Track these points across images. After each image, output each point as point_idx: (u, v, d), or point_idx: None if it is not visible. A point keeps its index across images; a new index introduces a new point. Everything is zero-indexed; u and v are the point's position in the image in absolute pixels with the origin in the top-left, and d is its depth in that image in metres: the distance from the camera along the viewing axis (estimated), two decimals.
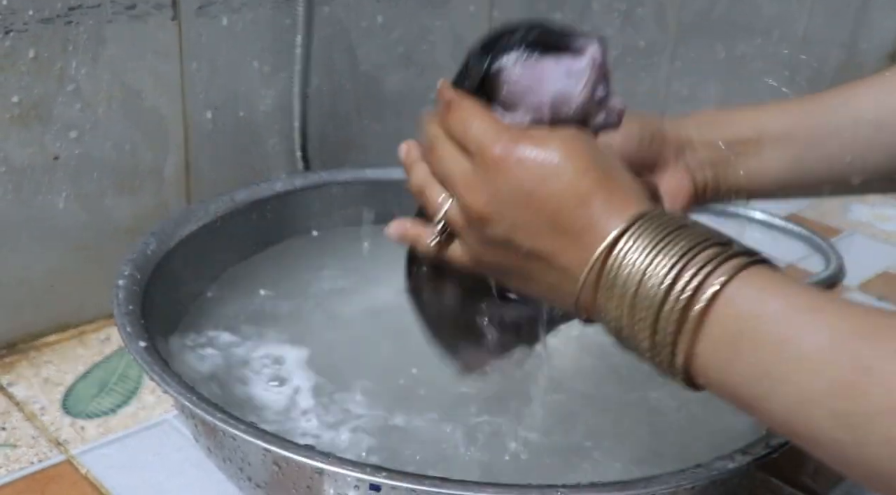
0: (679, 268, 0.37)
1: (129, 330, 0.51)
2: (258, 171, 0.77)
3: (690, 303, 0.37)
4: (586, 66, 0.44)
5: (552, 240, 0.41)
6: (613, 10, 1.00)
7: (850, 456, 0.33)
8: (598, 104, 0.45)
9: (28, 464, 0.56)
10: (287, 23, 0.73)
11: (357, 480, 0.41)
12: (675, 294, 0.37)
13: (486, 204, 0.42)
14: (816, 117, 0.57)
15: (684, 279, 0.37)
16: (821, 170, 0.57)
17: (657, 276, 0.37)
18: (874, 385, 0.32)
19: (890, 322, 0.33)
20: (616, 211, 0.40)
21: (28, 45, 0.61)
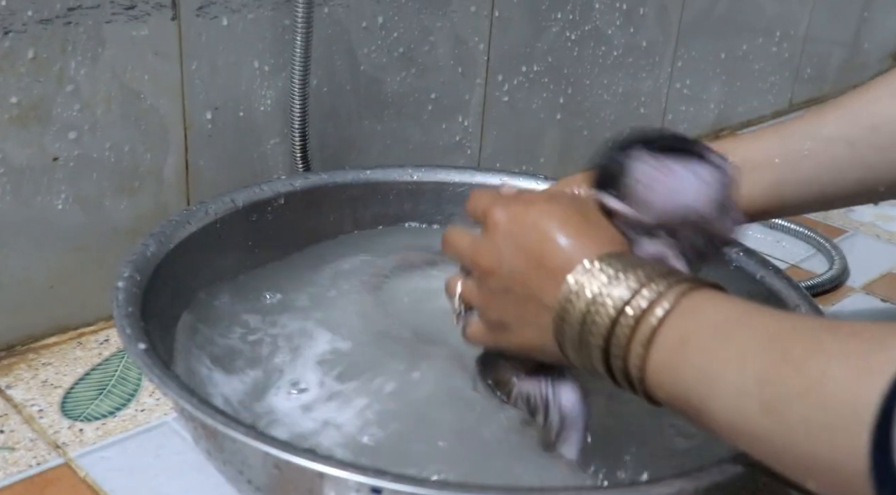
0: (633, 292, 0.42)
1: (129, 332, 0.50)
2: (258, 172, 0.76)
3: (641, 320, 0.42)
4: (719, 176, 0.48)
5: (538, 279, 0.46)
6: (615, 10, 1.00)
7: (777, 444, 0.36)
8: (721, 213, 0.49)
9: (26, 467, 0.56)
10: (287, 23, 0.73)
11: (358, 484, 0.41)
12: (629, 314, 0.42)
13: (490, 259, 0.49)
14: (789, 143, 0.60)
15: (638, 301, 0.42)
16: (800, 191, 0.60)
17: (613, 299, 0.43)
18: (793, 372, 0.35)
19: (810, 323, 0.38)
20: (587, 249, 0.46)
21: (27, 45, 0.61)
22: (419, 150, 0.88)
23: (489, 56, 0.90)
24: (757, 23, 1.20)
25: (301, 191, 0.71)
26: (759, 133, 0.61)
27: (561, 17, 0.94)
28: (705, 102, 1.19)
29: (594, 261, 0.45)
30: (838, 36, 1.36)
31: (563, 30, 0.95)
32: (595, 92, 1.02)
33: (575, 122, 1.02)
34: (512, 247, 0.48)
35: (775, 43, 1.25)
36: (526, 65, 0.94)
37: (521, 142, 0.97)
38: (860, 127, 0.58)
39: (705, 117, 1.20)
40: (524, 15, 0.91)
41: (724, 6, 1.14)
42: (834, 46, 1.36)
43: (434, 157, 0.89)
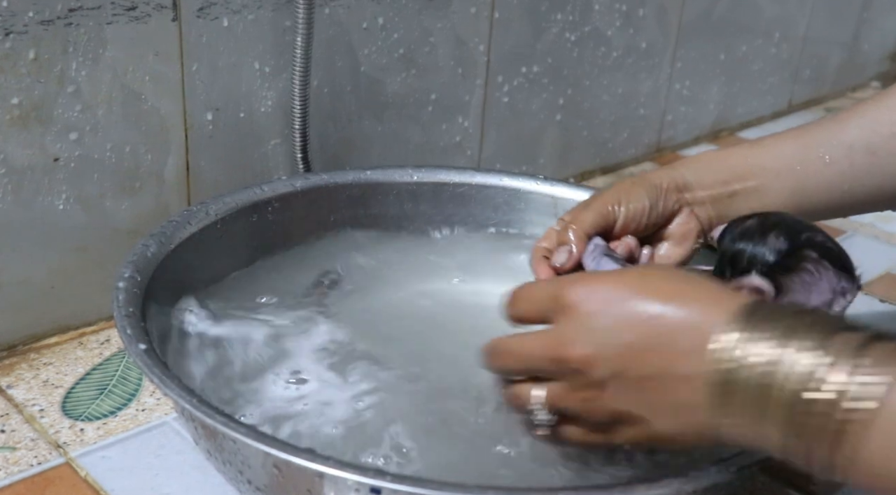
0: (820, 359, 0.35)
1: (130, 332, 0.51)
2: (258, 173, 0.77)
3: (851, 403, 0.35)
4: (853, 291, 0.48)
5: (659, 354, 0.40)
6: (615, 11, 1.00)
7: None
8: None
9: (27, 467, 0.56)
10: (287, 24, 0.73)
11: (357, 483, 0.41)
12: (829, 392, 0.35)
13: (583, 346, 0.41)
14: (811, 150, 0.60)
15: (836, 376, 0.35)
16: (820, 198, 0.60)
17: (795, 369, 0.36)
18: None
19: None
20: (714, 306, 0.39)
21: (28, 46, 0.61)
22: (419, 151, 0.88)
23: (489, 57, 0.90)
24: (756, 24, 1.21)
25: (301, 191, 0.71)
26: (779, 138, 0.60)
27: (561, 18, 0.95)
28: (705, 103, 1.19)
29: (738, 317, 0.38)
30: (837, 37, 1.36)
31: (563, 31, 0.96)
32: (595, 93, 1.02)
33: (574, 123, 1.02)
34: (609, 322, 0.41)
35: (774, 44, 1.25)
36: (526, 66, 0.94)
37: (520, 142, 0.98)
38: (880, 134, 0.58)
39: (705, 118, 1.20)
40: (524, 16, 0.91)
41: (724, 7, 1.14)
42: (833, 47, 1.37)
43: (434, 158, 0.89)
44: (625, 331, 0.40)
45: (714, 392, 0.38)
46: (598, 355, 0.41)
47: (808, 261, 0.48)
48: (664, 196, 0.59)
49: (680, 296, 0.40)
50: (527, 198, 0.75)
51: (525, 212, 0.76)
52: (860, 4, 1.38)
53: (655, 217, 0.59)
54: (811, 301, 0.47)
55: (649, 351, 0.40)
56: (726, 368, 0.38)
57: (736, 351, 0.38)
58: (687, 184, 0.60)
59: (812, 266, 0.47)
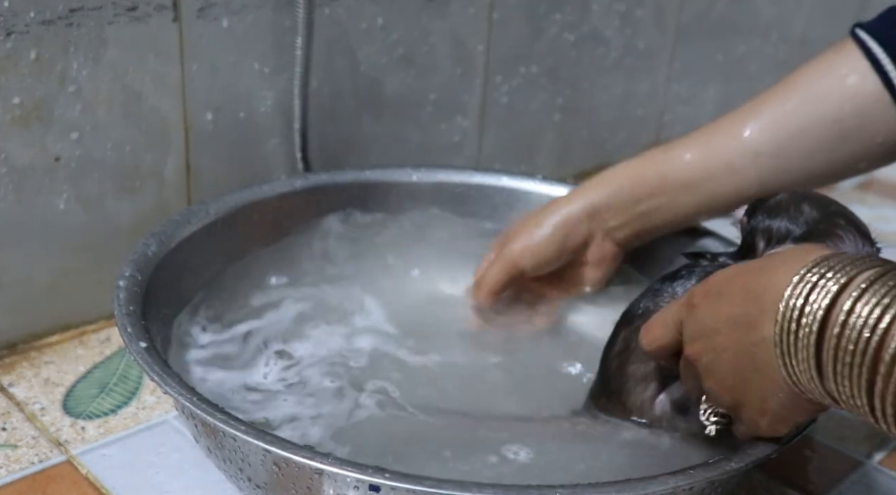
0: (890, 314, 0.35)
1: (130, 330, 0.51)
2: (258, 173, 0.77)
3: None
4: (877, 251, 0.52)
5: (743, 305, 0.42)
6: (613, 12, 1.00)
7: None
8: None
9: (28, 465, 0.57)
10: (287, 24, 0.73)
11: (357, 481, 0.42)
12: (892, 347, 0.34)
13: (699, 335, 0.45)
14: (717, 158, 0.61)
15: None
16: (730, 204, 0.62)
17: (861, 318, 0.35)
18: None
19: None
20: (791, 262, 0.40)
21: (29, 46, 0.62)
22: (418, 151, 0.88)
23: (488, 57, 0.90)
24: (753, 25, 1.21)
25: (301, 191, 0.71)
26: (687, 146, 0.62)
27: (559, 18, 0.95)
28: (702, 104, 1.19)
29: (810, 268, 0.38)
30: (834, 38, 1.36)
31: (562, 31, 0.96)
32: (593, 93, 1.03)
33: (573, 123, 1.02)
34: (712, 307, 0.44)
35: (772, 45, 1.25)
36: (524, 66, 0.94)
37: (519, 142, 0.98)
38: (783, 136, 0.59)
39: (702, 119, 1.20)
40: (523, 16, 0.92)
41: (721, 8, 1.14)
42: None
43: (433, 158, 0.89)
44: (723, 311, 0.43)
45: (784, 351, 0.39)
46: (708, 338, 0.44)
47: (838, 228, 0.50)
48: (573, 233, 0.62)
49: (762, 263, 0.42)
50: (525, 197, 0.76)
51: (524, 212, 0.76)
52: (857, 6, 1.38)
53: (566, 257, 0.64)
54: None
55: (735, 304, 0.42)
56: (792, 324, 0.38)
57: (799, 299, 0.38)
58: (597, 210, 0.62)
59: (842, 232, 0.50)
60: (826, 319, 0.37)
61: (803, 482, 0.60)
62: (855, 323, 0.36)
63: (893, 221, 1.01)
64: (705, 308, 0.45)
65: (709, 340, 0.44)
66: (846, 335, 0.36)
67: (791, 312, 0.38)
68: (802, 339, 0.38)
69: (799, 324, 0.38)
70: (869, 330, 0.35)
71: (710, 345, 0.44)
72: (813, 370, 0.38)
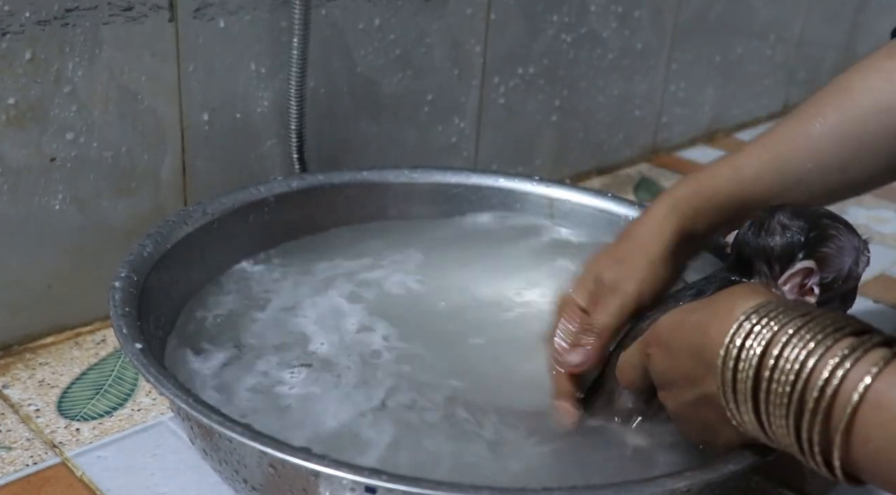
0: (814, 358, 0.37)
1: (126, 332, 0.51)
2: (255, 173, 0.77)
3: (834, 401, 0.37)
4: (866, 247, 0.53)
5: (689, 361, 0.44)
6: (610, 13, 1.00)
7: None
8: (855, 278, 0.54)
9: (23, 467, 0.56)
10: (283, 25, 0.73)
11: (353, 482, 0.41)
12: (815, 388, 0.37)
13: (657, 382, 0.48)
14: (788, 176, 0.61)
15: (822, 373, 0.37)
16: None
17: (785, 368, 0.38)
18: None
19: None
20: (723, 315, 0.42)
21: (25, 46, 0.61)
22: (415, 152, 0.88)
23: (485, 58, 0.90)
24: (751, 26, 1.21)
25: (297, 191, 0.71)
26: (760, 169, 0.59)
27: (556, 19, 0.95)
28: (700, 105, 1.19)
29: (748, 317, 0.40)
30: (832, 39, 1.37)
31: (559, 32, 0.96)
32: (590, 94, 1.03)
33: (570, 124, 1.02)
34: (665, 361, 0.46)
35: (769, 46, 1.26)
36: (522, 67, 0.94)
37: (516, 143, 0.98)
38: (849, 149, 0.58)
39: (700, 120, 1.20)
40: (520, 17, 0.92)
41: (719, 9, 1.14)
42: (827, 49, 1.37)
43: (430, 159, 0.89)
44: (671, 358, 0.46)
45: (724, 383, 0.41)
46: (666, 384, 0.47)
47: (830, 228, 0.52)
48: (678, 263, 0.59)
49: (697, 314, 0.44)
50: (523, 199, 0.75)
51: (521, 213, 0.76)
52: (854, 7, 1.38)
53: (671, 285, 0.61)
54: (845, 263, 0.51)
55: (681, 362, 0.45)
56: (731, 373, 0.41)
57: (730, 362, 0.40)
58: (692, 236, 0.59)
59: (834, 231, 0.51)
60: (759, 369, 0.39)
61: (800, 484, 0.59)
62: (783, 367, 0.38)
63: (890, 222, 1.01)
64: (659, 359, 0.47)
65: (669, 391, 0.47)
66: (776, 379, 0.39)
67: (728, 372, 0.40)
68: (741, 393, 0.40)
69: (735, 379, 0.40)
70: (794, 374, 0.38)
71: (671, 394, 0.47)
72: (752, 415, 0.40)
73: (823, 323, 0.39)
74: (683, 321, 0.45)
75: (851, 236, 0.52)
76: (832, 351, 0.37)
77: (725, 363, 0.40)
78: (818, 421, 0.37)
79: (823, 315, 0.40)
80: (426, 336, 0.64)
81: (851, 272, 0.52)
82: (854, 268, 0.52)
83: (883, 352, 0.37)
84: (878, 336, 0.38)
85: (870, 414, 0.36)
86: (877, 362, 0.37)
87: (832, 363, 0.37)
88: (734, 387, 0.41)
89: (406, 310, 0.66)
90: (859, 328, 0.39)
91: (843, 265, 0.51)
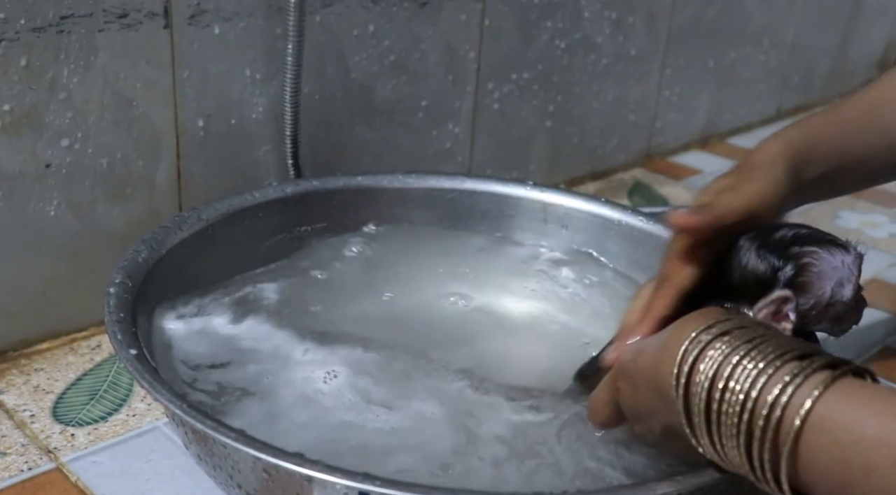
0: (759, 383, 0.38)
1: (120, 337, 0.51)
2: (250, 179, 0.77)
3: (780, 426, 0.37)
4: (854, 257, 0.51)
5: (650, 396, 0.44)
6: (604, 19, 1.00)
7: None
8: (856, 298, 0.52)
9: (18, 472, 0.56)
10: (278, 31, 0.74)
11: (346, 487, 0.42)
12: (761, 415, 0.38)
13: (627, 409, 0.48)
14: (885, 134, 0.59)
15: (767, 399, 0.38)
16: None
17: (733, 394, 0.39)
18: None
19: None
20: (672, 347, 0.42)
21: (20, 53, 0.62)
22: (410, 157, 0.88)
23: (479, 64, 0.91)
24: (745, 31, 1.21)
25: (293, 197, 0.72)
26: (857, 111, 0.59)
27: (550, 25, 0.95)
28: (694, 110, 1.20)
29: (695, 338, 0.41)
30: (825, 44, 1.37)
31: (553, 38, 0.96)
32: (585, 99, 1.03)
33: (565, 130, 1.03)
34: (631, 396, 0.47)
35: (763, 51, 1.26)
36: (516, 72, 0.94)
37: (511, 149, 0.98)
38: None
39: (694, 125, 1.21)
40: (514, 23, 0.92)
41: (713, 15, 1.15)
42: (821, 54, 1.38)
43: (425, 164, 0.89)
44: (635, 394, 0.46)
45: (683, 411, 0.42)
46: (634, 417, 0.48)
47: (802, 256, 0.50)
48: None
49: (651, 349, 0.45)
50: (517, 204, 0.76)
51: (515, 218, 0.76)
52: (848, 12, 1.39)
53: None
54: (825, 288, 0.50)
55: (646, 395, 0.45)
56: (680, 390, 0.41)
57: (680, 389, 0.41)
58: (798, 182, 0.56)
59: (810, 258, 0.50)
60: (710, 394, 0.40)
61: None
62: (731, 395, 0.39)
63: (883, 227, 1.01)
64: (626, 394, 0.47)
65: (639, 423, 0.47)
66: (725, 405, 0.39)
67: (682, 400, 0.41)
68: (696, 417, 0.41)
69: (688, 406, 0.41)
70: (741, 403, 0.39)
71: (642, 427, 0.47)
72: (706, 438, 0.41)
73: (768, 348, 0.39)
74: (642, 352, 0.45)
75: (833, 258, 0.50)
76: (776, 377, 0.38)
77: (678, 390, 0.41)
78: (767, 448, 0.38)
79: (769, 339, 0.40)
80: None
81: (835, 295, 0.50)
82: (838, 290, 0.50)
83: (824, 376, 0.37)
84: (822, 359, 0.39)
85: (815, 437, 0.37)
86: (818, 385, 0.37)
87: (776, 389, 0.38)
88: (688, 414, 0.41)
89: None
90: (804, 352, 0.39)
91: (822, 291, 0.49)
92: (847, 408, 0.36)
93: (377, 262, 0.72)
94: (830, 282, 0.50)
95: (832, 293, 0.50)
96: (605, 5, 0.99)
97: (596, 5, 0.98)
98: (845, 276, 0.50)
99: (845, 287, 0.50)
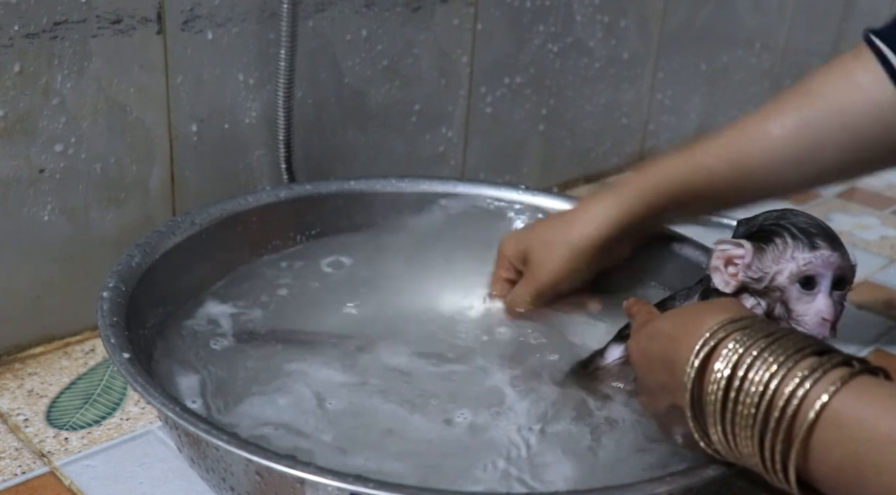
0: (777, 379, 0.39)
1: (114, 341, 0.51)
2: (243, 183, 0.77)
3: (795, 418, 0.38)
4: (853, 268, 0.53)
5: (664, 373, 0.45)
6: (596, 22, 1.01)
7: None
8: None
9: (11, 476, 0.57)
10: (271, 37, 0.74)
11: (338, 489, 0.42)
12: (778, 407, 0.39)
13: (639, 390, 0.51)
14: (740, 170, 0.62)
15: (784, 393, 0.38)
16: (751, 204, 0.63)
17: (750, 390, 0.39)
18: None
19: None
20: (692, 333, 0.43)
21: (13, 59, 0.62)
22: (403, 161, 0.89)
23: (472, 68, 0.91)
24: (737, 34, 1.22)
25: (285, 201, 0.72)
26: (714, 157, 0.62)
27: (543, 29, 0.96)
28: (686, 113, 1.20)
29: (713, 333, 0.42)
30: (817, 47, 1.38)
31: (546, 42, 0.97)
32: (577, 103, 1.04)
33: (557, 133, 1.03)
34: (645, 371, 0.48)
35: (755, 54, 1.27)
36: (508, 76, 0.95)
37: (504, 152, 0.98)
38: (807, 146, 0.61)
39: (686, 127, 1.21)
40: (507, 27, 0.92)
41: (705, 18, 1.15)
42: (813, 57, 1.38)
43: (418, 168, 0.90)
44: (650, 370, 0.47)
45: (693, 402, 0.43)
46: (643, 390, 0.49)
47: (780, 234, 0.51)
48: (604, 258, 0.63)
49: (674, 330, 0.45)
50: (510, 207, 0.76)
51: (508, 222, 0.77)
52: (839, 15, 1.39)
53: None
54: (773, 270, 0.51)
55: (656, 372, 0.46)
56: (696, 382, 0.42)
57: (700, 360, 0.42)
58: (625, 231, 0.63)
59: (782, 238, 0.51)
60: (727, 390, 0.41)
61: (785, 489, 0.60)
62: (749, 389, 0.40)
63: (873, 229, 1.02)
64: (641, 367, 0.48)
65: (650, 397, 0.48)
66: (742, 400, 0.40)
67: (696, 391, 0.42)
68: (710, 414, 0.42)
69: (703, 400, 0.42)
70: (759, 395, 0.39)
71: (653, 401, 0.48)
72: (720, 432, 0.42)
73: (786, 344, 0.40)
74: (659, 330, 0.46)
75: (801, 253, 0.50)
76: (793, 371, 0.39)
77: (693, 381, 0.42)
78: (780, 439, 0.39)
79: (787, 336, 0.41)
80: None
81: (775, 280, 0.51)
82: (786, 282, 0.51)
83: (841, 372, 0.38)
84: (838, 356, 0.40)
85: (829, 432, 0.37)
86: (835, 381, 0.38)
87: (793, 383, 0.38)
88: (702, 407, 0.42)
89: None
90: (822, 348, 0.40)
91: (770, 270, 0.51)
92: (862, 405, 0.37)
93: (366, 270, 0.72)
94: (782, 269, 0.51)
95: (774, 277, 0.51)
96: (598, 9, 1.00)
97: (588, 9, 0.99)
98: (794, 272, 0.50)
99: (785, 276, 0.51)
